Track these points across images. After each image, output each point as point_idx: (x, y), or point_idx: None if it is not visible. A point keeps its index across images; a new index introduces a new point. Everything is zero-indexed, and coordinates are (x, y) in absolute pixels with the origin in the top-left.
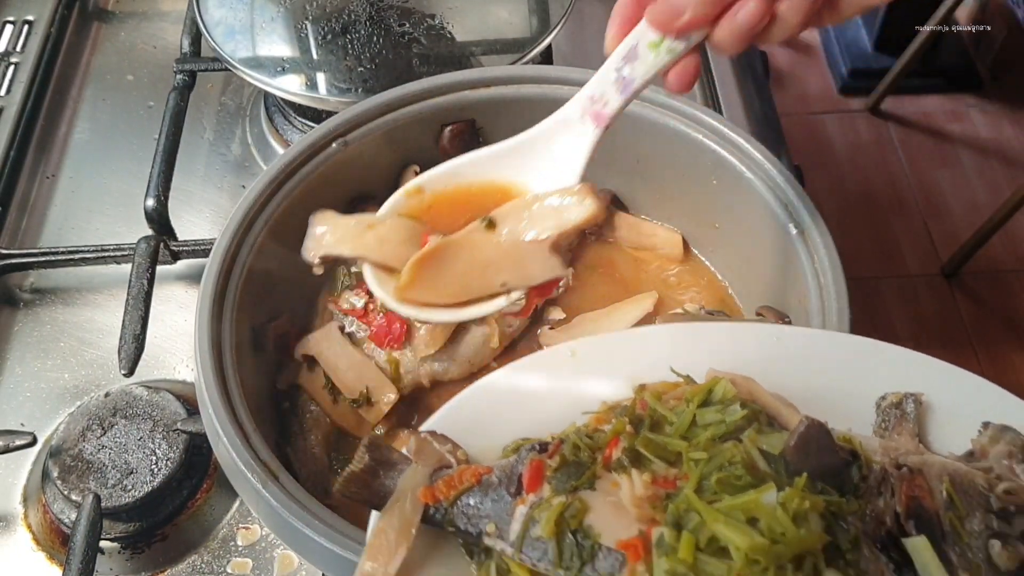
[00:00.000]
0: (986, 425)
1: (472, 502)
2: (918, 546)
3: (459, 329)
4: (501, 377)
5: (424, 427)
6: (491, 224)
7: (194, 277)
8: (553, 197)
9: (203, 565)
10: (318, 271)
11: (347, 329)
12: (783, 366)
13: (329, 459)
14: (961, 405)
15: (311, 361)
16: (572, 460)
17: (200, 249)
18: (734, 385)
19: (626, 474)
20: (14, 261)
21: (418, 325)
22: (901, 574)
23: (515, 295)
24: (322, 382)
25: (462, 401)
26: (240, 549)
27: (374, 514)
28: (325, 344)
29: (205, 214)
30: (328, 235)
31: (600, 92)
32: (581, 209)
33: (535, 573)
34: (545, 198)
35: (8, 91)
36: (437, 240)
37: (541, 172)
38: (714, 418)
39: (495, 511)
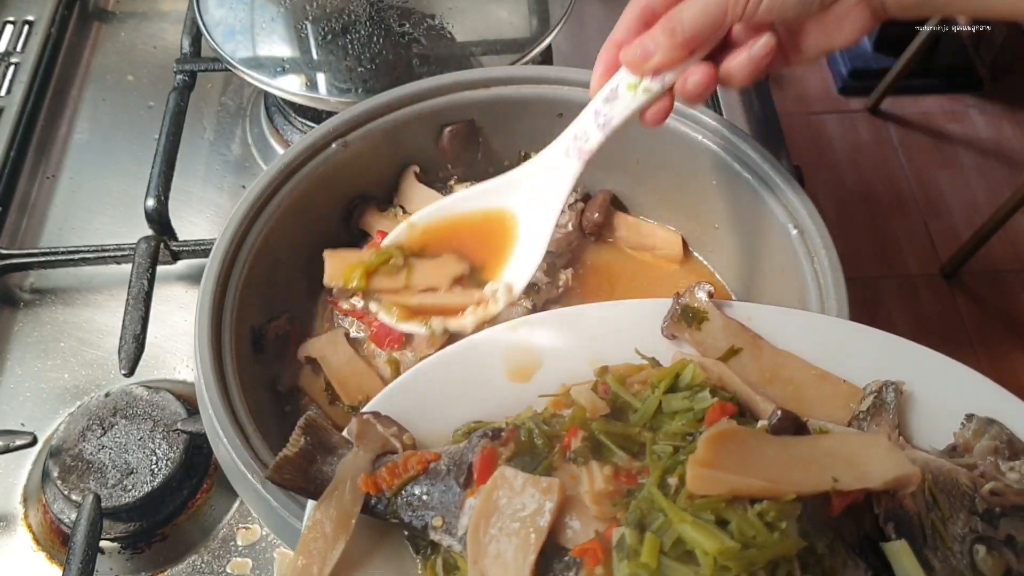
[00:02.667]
0: (970, 417)
1: (418, 492)
2: (898, 551)
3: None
4: (454, 353)
5: (367, 407)
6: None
7: (194, 277)
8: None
9: (203, 565)
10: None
11: (352, 335)
12: None
13: None
14: (945, 395)
15: (313, 363)
16: (527, 449)
17: (200, 249)
18: (703, 370)
19: (586, 467)
20: (14, 261)
21: None
22: None
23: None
24: (323, 385)
25: (410, 379)
26: (240, 549)
27: (309, 504)
28: (330, 349)
29: (205, 214)
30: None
31: (583, 130)
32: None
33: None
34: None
35: (8, 91)
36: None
37: (529, 201)
38: (681, 406)
39: (442, 503)
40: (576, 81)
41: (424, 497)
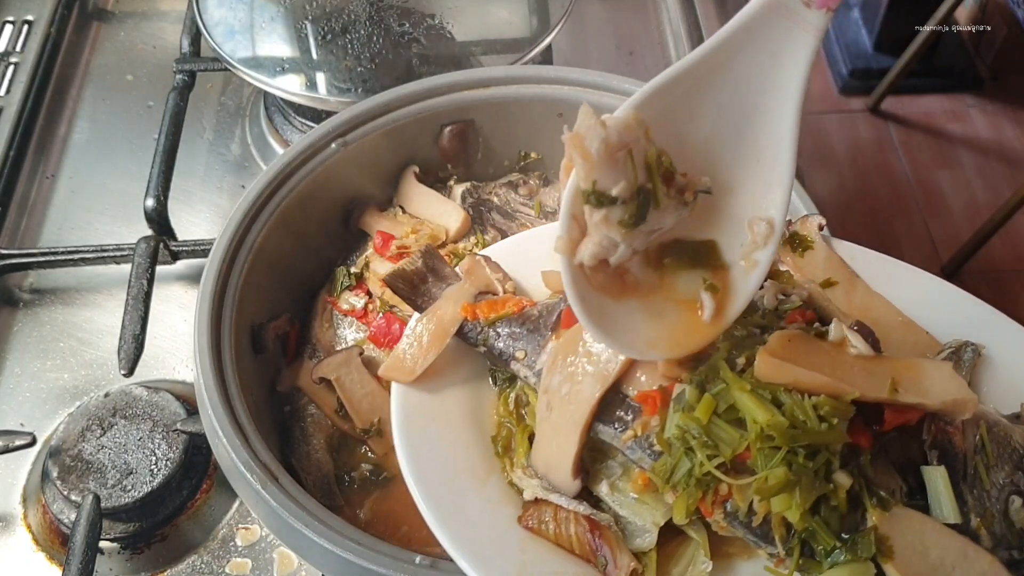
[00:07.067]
0: None
1: (509, 329)
2: (934, 475)
3: None
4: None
5: (482, 252)
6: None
7: (194, 277)
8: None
9: (203, 565)
10: None
11: (350, 337)
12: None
13: (333, 463)
14: (1022, 368)
15: (327, 383)
16: None
17: (200, 249)
18: (797, 283)
19: None
20: (14, 261)
21: None
22: (912, 498)
23: None
24: (335, 405)
25: (524, 240)
26: (240, 549)
27: (415, 315)
28: (344, 370)
29: (205, 214)
30: None
31: None
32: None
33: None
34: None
35: (8, 91)
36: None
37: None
38: (770, 302)
39: (528, 341)
40: (576, 81)
41: (513, 333)
